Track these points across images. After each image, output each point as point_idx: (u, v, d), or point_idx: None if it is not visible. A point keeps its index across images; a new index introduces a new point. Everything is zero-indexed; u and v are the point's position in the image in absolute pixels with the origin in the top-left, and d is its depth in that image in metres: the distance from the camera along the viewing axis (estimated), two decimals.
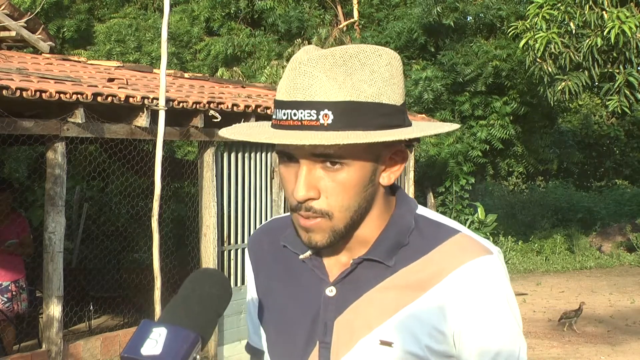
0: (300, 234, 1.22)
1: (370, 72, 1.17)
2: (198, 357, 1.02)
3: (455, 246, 1.23)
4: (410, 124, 1.23)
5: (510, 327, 1.23)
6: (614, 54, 9.99)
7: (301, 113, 1.14)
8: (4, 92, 5.15)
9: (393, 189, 1.31)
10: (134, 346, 0.98)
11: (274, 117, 1.20)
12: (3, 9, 7.57)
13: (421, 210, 1.30)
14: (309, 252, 1.29)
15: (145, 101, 6.07)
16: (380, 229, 1.26)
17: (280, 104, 1.18)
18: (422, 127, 1.25)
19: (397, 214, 1.27)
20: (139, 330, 1.00)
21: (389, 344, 1.21)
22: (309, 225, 1.19)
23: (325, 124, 1.13)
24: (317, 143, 1.12)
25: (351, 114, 1.14)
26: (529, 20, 10.67)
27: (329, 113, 1.13)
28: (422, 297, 1.21)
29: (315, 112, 1.14)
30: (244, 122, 7.14)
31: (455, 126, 1.31)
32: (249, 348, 1.49)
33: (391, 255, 1.24)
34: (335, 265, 1.28)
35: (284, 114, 1.16)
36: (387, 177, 1.23)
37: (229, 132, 1.25)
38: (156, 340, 0.98)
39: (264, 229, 1.44)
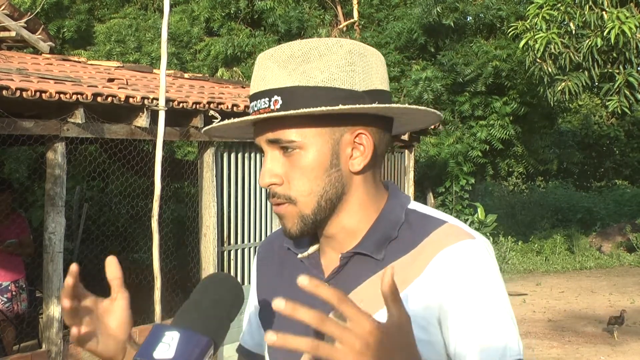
0: (280, 223, 1.27)
1: (327, 60, 1.20)
2: None
3: (440, 235, 1.22)
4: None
5: (495, 312, 1.17)
6: (614, 55, 9.99)
7: (259, 102, 1.21)
8: (4, 92, 5.15)
9: (386, 185, 1.32)
10: (146, 350, 0.98)
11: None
12: (3, 9, 7.57)
13: (413, 204, 1.30)
14: (307, 252, 1.31)
15: (145, 101, 6.07)
16: (369, 222, 1.26)
17: (250, 98, 1.25)
18: (377, 105, 1.22)
19: (387, 208, 1.28)
20: (152, 333, 1.00)
21: None
22: (279, 211, 1.24)
23: (275, 109, 1.19)
24: (256, 118, 1.20)
25: (299, 98, 1.18)
26: (529, 21, 10.67)
27: (278, 99, 1.19)
28: (408, 288, 1.20)
29: (267, 99, 1.20)
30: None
31: (430, 113, 1.28)
32: (240, 349, 1.50)
33: (380, 249, 1.24)
34: (330, 262, 1.29)
35: (251, 107, 1.24)
36: (356, 164, 1.23)
37: (211, 127, 1.32)
38: (169, 344, 0.98)
39: (276, 233, 1.46)
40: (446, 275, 1.18)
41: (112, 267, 1.15)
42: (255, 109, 1.21)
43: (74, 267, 1.11)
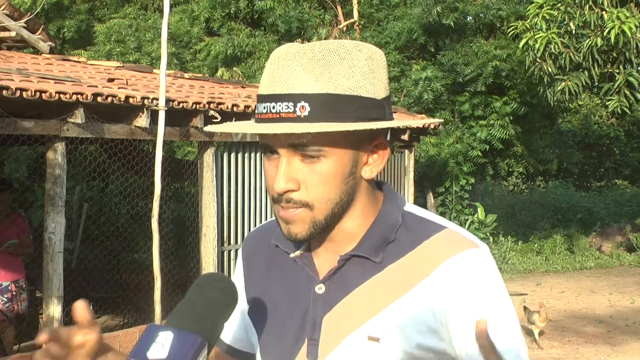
0: (280, 226, 1.23)
1: (350, 66, 1.18)
2: None
3: (441, 241, 1.23)
4: (392, 119, 1.24)
5: (504, 319, 1.20)
6: (614, 54, 9.99)
7: (279, 105, 1.17)
8: (4, 92, 5.15)
9: (380, 186, 1.32)
10: (140, 350, 0.98)
11: (256, 111, 1.22)
12: (3, 9, 7.57)
13: (409, 207, 1.30)
14: (299, 251, 1.30)
15: (145, 101, 6.07)
16: (367, 225, 1.26)
17: (261, 98, 1.20)
18: (400, 121, 1.25)
19: (384, 210, 1.28)
20: (145, 333, 1.00)
21: (376, 340, 1.21)
22: (289, 216, 1.21)
23: (302, 116, 1.15)
24: (289, 132, 1.14)
25: (327, 106, 1.16)
26: (529, 21, 10.67)
27: (306, 105, 1.15)
28: (410, 292, 1.21)
29: (292, 104, 1.16)
30: (235, 120, 7.15)
31: (425, 120, 1.34)
32: (224, 347, 1.46)
33: (378, 252, 1.24)
34: (325, 262, 1.28)
35: (264, 108, 1.19)
36: (369, 171, 1.24)
37: (216, 127, 1.28)
38: (162, 344, 0.98)
39: (261, 229, 1.45)
40: (454, 284, 1.19)
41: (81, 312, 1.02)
42: (274, 110, 1.17)
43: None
